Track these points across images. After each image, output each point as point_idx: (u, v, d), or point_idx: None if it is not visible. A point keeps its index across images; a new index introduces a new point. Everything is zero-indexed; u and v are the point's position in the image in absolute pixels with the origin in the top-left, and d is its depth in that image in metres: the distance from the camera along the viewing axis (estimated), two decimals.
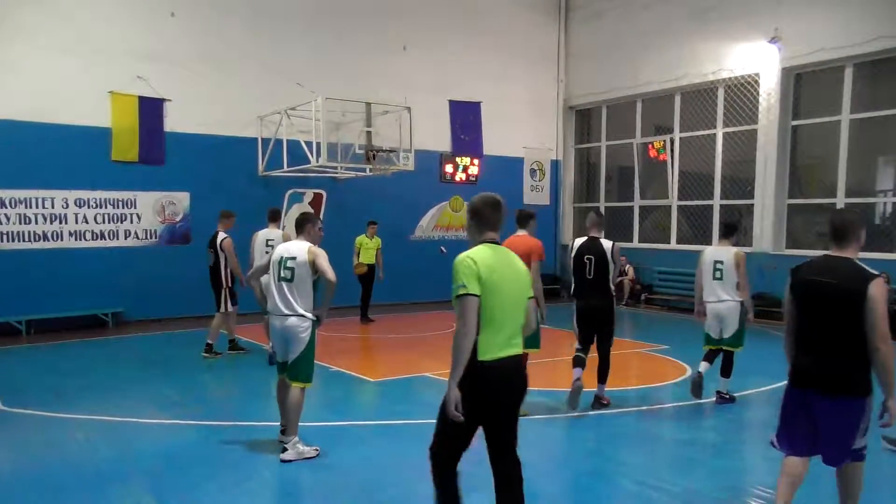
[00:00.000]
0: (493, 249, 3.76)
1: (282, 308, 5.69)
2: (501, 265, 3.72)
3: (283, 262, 5.74)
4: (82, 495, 5.01)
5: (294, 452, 5.68)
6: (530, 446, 6.29)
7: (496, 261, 3.70)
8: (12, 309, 11.71)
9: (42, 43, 11.89)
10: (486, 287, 3.61)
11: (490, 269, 3.64)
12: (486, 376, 3.64)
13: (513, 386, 3.77)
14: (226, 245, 9.69)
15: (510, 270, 3.74)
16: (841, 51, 12.71)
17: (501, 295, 3.65)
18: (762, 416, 7.48)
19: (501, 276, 3.67)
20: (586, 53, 17.80)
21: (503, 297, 3.66)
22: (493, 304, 3.63)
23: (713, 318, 7.46)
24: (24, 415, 7.02)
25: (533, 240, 6.61)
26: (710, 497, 5.00)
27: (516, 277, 3.76)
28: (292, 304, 5.67)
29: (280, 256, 5.78)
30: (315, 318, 5.77)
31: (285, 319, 5.67)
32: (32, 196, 11.96)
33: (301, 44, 14.39)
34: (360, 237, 13.11)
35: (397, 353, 11.06)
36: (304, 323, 5.69)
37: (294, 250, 5.78)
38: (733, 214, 15.06)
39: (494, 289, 3.63)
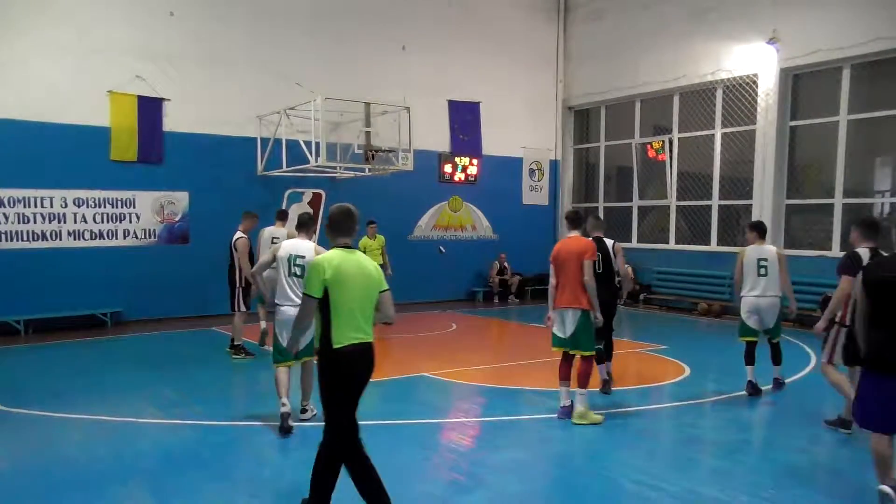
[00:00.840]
0: (344, 252, 4.40)
1: (294, 299, 6.37)
2: (349, 266, 4.34)
3: (293, 259, 6.55)
4: (81, 495, 5.01)
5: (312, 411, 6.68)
6: (529, 446, 6.33)
7: (344, 262, 4.33)
8: (11, 309, 11.71)
9: (41, 42, 11.88)
10: (332, 285, 4.26)
11: (336, 269, 4.27)
12: (339, 360, 4.29)
13: (360, 368, 4.38)
14: (239, 244, 9.66)
15: (358, 270, 4.37)
16: (839, 52, 12.73)
17: (349, 291, 4.30)
18: (760, 416, 7.50)
19: (348, 275, 4.30)
20: (585, 54, 17.81)
21: (350, 293, 4.30)
22: (341, 299, 4.28)
23: (755, 311, 7.89)
24: (22, 415, 7.02)
25: (585, 240, 6.91)
26: (710, 497, 5.01)
27: (364, 276, 4.38)
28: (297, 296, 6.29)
29: (289, 254, 6.58)
30: None
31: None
32: (31, 195, 11.95)
33: (300, 43, 14.39)
34: (363, 240, 12.36)
35: (396, 353, 11.07)
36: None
37: (302, 249, 6.62)
38: (734, 215, 15.10)
39: (341, 286, 4.27)
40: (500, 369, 9.31)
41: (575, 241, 6.82)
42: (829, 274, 12.79)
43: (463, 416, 7.28)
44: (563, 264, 6.70)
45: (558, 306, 6.76)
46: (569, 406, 6.79)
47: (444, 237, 16.70)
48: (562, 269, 6.72)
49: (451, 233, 16.92)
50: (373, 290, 4.43)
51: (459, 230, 17.11)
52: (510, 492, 5.18)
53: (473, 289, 17.11)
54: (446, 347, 10.92)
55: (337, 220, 4.50)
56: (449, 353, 10.30)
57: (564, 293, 6.69)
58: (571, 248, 6.70)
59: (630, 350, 10.79)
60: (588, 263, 6.62)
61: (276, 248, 6.87)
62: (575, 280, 6.62)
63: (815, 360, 9.92)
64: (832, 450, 6.42)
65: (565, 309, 6.70)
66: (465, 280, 17.13)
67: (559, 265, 6.76)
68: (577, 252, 6.65)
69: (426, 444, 6.27)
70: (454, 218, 17.00)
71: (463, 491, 5.22)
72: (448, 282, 16.63)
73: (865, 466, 5.78)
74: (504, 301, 16.78)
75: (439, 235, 16.68)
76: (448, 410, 7.55)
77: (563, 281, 6.71)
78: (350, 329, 4.30)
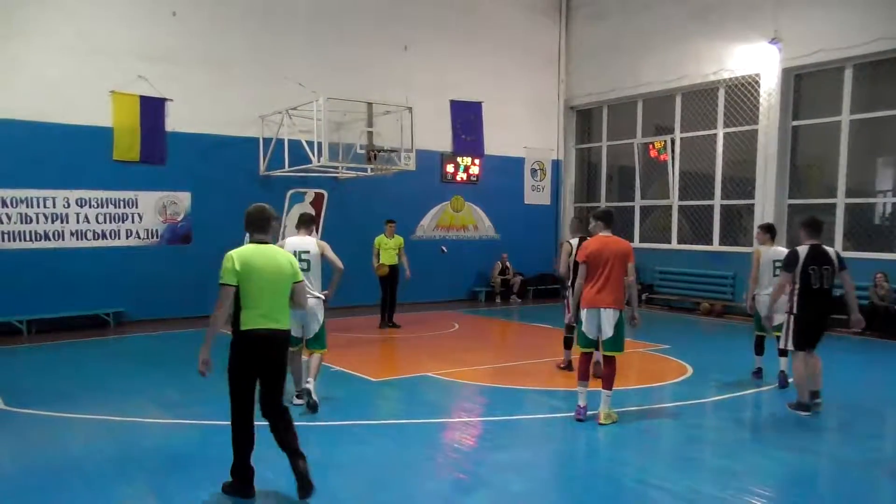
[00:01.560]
0: (256, 247, 4.84)
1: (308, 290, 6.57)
2: (259, 259, 4.77)
3: (298, 255, 6.85)
4: (85, 495, 5.02)
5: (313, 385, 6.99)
6: (532, 446, 6.33)
7: (255, 256, 4.77)
8: (14, 309, 11.73)
9: (43, 42, 11.90)
10: (242, 276, 4.68)
11: (246, 262, 4.70)
12: (246, 342, 4.73)
13: (268, 351, 4.77)
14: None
15: (269, 263, 4.80)
16: (841, 52, 12.73)
17: (257, 282, 4.71)
18: (763, 415, 7.50)
19: (256, 268, 4.72)
20: (587, 53, 17.81)
21: (259, 284, 4.72)
22: (250, 288, 4.70)
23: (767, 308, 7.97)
24: (25, 414, 7.03)
25: (626, 242, 6.80)
26: (713, 497, 5.01)
27: (275, 268, 4.81)
28: (310, 289, 6.75)
29: (294, 250, 6.75)
30: (324, 297, 7.05)
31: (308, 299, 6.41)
32: (34, 196, 11.97)
33: (303, 44, 14.41)
34: (379, 237, 12.40)
35: (399, 353, 11.08)
36: (320, 304, 6.99)
37: (306, 245, 7.10)
38: (736, 215, 15.10)
39: (249, 277, 4.69)
40: (503, 369, 9.31)
41: (616, 242, 6.66)
42: None
43: (466, 415, 7.29)
44: (604, 264, 6.52)
45: (594, 306, 6.58)
46: (585, 406, 6.70)
47: (446, 237, 16.71)
48: (601, 269, 6.54)
49: (453, 233, 16.93)
50: (284, 282, 4.85)
51: (461, 230, 17.12)
52: (513, 491, 5.18)
53: (475, 289, 17.11)
54: (449, 347, 10.92)
55: (252, 218, 4.95)
56: (451, 353, 10.30)
57: (602, 293, 6.52)
58: (613, 249, 6.55)
59: (632, 350, 10.76)
60: (632, 266, 6.61)
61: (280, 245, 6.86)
62: (617, 281, 6.52)
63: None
64: (834, 449, 6.42)
65: (605, 310, 6.54)
66: (467, 280, 17.14)
67: (597, 264, 6.56)
68: (622, 253, 6.56)
69: (429, 444, 6.28)
70: (456, 218, 17.01)
71: (466, 490, 5.22)
72: (450, 282, 16.63)
73: (868, 466, 5.79)
74: (506, 301, 16.78)
75: (441, 235, 16.68)
76: (451, 410, 7.55)
77: (600, 282, 6.53)
78: (257, 316, 4.72)
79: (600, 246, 6.61)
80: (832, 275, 7.04)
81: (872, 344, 11.21)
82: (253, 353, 4.75)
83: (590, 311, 6.62)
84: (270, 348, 4.79)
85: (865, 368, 9.89)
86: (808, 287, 6.97)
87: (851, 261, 12.57)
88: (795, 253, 7.04)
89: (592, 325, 6.64)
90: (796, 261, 6.97)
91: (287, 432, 4.87)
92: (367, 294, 13.71)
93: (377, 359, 10.38)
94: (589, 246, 6.69)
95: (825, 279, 6.99)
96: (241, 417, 4.86)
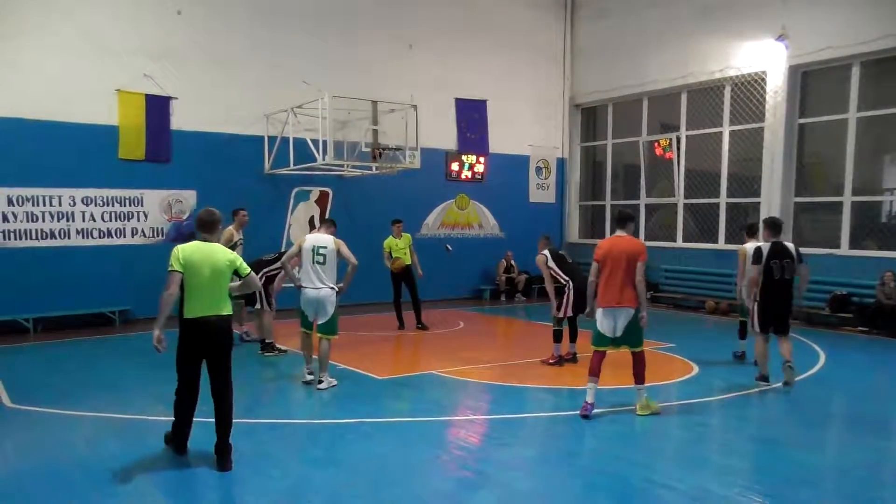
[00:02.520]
0: (199, 245, 5.55)
1: (317, 283, 7.83)
2: (198, 256, 5.45)
3: (316, 250, 7.88)
4: (90, 493, 5.03)
5: (326, 383, 7.93)
6: (537, 444, 6.32)
7: (195, 253, 5.46)
8: (20, 307, 11.76)
9: (48, 41, 11.92)
10: (185, 268, 5.39)
11: (187, 258, 5.40)
12: (189, 328, 5.46)
13: (209, 336, 5.48)
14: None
15: (207, 259, 5.46)
16: (848, 49, 12.68)
17: (197, 275, 5.40)
18: (769, 413, 7.47)
19: (195, 263, 5.40)
20: (592, 51, 17.77)
21: (199, 277, 5.41)
22: (191, 281, 5.41)
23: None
24: (31, 412, 7.06)
25: (637, 242, 7.05)
26: (719, 495, 4.99)
27: (211, 265, 5.46)
28: (325, 280, 7.85)
29: (312, 246, 7.90)
30: (337, 289, 7.92)
31: (320, 291, 7.83)
32: (39, 194, 12.00)
33: (308, 42, 14.41)
34: (388, 240, 12.05)
35: (404, 351, 11.08)
36: (333, 294, 7.88)
37: (323, 241, 7.96)
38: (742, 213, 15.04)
39: (191, 271, 5.40)
40: (508, 367, 9.30)
41: (627, 241, 6.88)
42: (837, 272, 12.86)
43: (471, 413, 7.28)
44: (616, 263, 6.72)
45: (609, 305, 6.77)
46: (593, 403, 6.81)
47: (450, 235, 16.69)
48: (612, 269, 6.74)
49: (457, 231, 16.92)
50: (221, 277, 5.51)
51: (466, 228, 17.11)
52: (519, 489, 5.18)
53: (480, 287, 17.10)
54: (454, 345, 10.92)
55: (201, 220, 5.67)
56: (457, 352, 10.29)
57: (615, 292, 6.72)
58: (624, 248, 6.77)
59: None
60: (641, 265, 6.73)
61: (301, 241, 8.06)
62: (628, 279, 6.69)
63: (825, 359, 9.89)
64: (842, 448, 6.40)
65: (618, 308, 6.74)
66: (471, 278, 17.13)
67: (609, 264, 6.77)
68: (632, 252, 6.76)
69: (435, 442, 6.28)
70: (461, 216, 17.00)
71: (472, 488, 5.22)
72: (455, 280, 16.62)
73: (874, 466, 5.77)
74: (511, 299, 16.77)
75: (446, 233, 16.67)
76: (456, 408, 7.55)
77: (612, 280, 6.73)
78: (197, 305, 5.43)
79: (611, 245, 6.85)
80: (792, 267, 7.96)
81: (879, 343, 11.16)
82: (193, 337, 5.46)
83: (605, 310, 6.80)
84: (209, 333, 5.48)
85: (872, 367, 9.85)
86: (770, 278, 7.90)
87: (858, 259, 12.69)
88: (760, 249, 8.03)
89: (608, 323, 6.80)
90: (762, 256, 7.95)
91: (221, 422, 5.54)
92: (372, 292, 13.72)
93: (382, 357, 10.38)
94: (602, 246, 6.94)
95: (785, 271, 7.90)
96: (183, 390, 5.65)
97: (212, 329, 5.48)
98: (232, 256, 5.63)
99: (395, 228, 12.11)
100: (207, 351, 5.55)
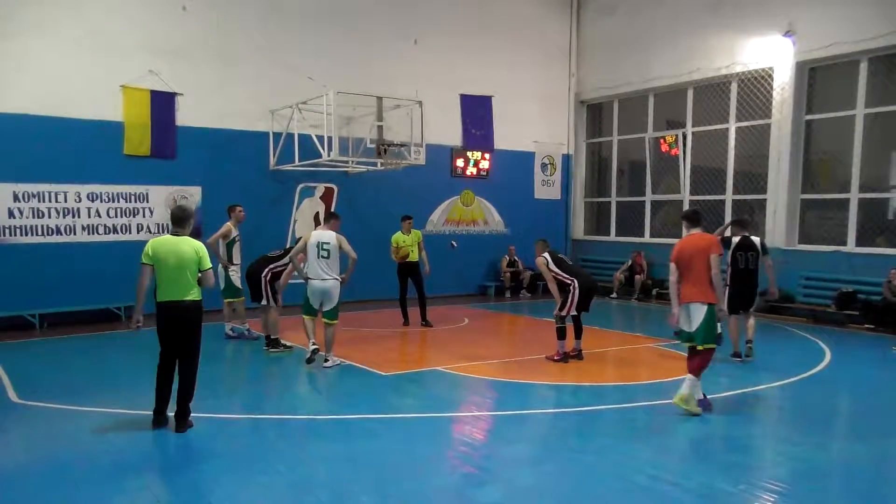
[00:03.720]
0: (168, 238, 6.24)
1: (322, 275, 8.60)
2: (168, 247, 6.15)
3: (321, 245, 8.62)
4: (97, 487, 5.04)
5: (331, 362, 8.77)
6: (542, 440, 6.31)
7: (163, 245, 6.17)
8: (26, 303, 11.79)
9: (54, 37, 11.93)
10: (154, 259, 6.13)
11: (155, 250, 6.14)
12: (161, 310, 6.20)
13: (175, 317, 6.19)
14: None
15: (172, 251, 6.13)
16: (855, 45, 12.60)
17: (164, 265, 6.12)
18: (775, 411, 7.46)
19: (162, 254, 6.11)
20: (598, 47, 17.72)
21: (166, 267, 6.12)
22: (160, 270, 6.14)
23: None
24: (38, 407, 7.08)
25: (709, 236, 7.24)
26: (725, 492, 4.98)
27: (177, 256, 6.11)
28: (330, 272, 8.64)
29: (317, 241, 8.66)
30: (341, 280, 8.71)
31: (326, 282, 8.61)
32: (45, 190, 12.02)
33: (312, 38, 14.40)
34: (396, 235, 11.91)
35: (409, 348, 11.08)
36: (337, 285, 8.65)
37: (326, 237, 8.70)
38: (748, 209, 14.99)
39: (159, 262, 6.13)
40: (513, 364, 9.30)
41: (698, 238, 7.03)
42: (843, 269, 12.81)
43: (476, 409, 7.28)
44: (688, 261, 6.89)
45: (684, 301, 6.93)
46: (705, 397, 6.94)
47: (455, 231, 16.68)
48: (686, 266, 6.91)
49: (462, 227, 16.90)
50: (185, 266, 6.12)
51: (471, 225, 17.09)
52: (523, 485, 5.17)
53: (485, 283, 17.09)
54: (459, 342, 10.91)
55: (174, 216, 6.32)
56: (461, 348, 10.28)
57: (689, 288, 6.90)
58: (694, 245, 6.94)
59: (644, 345, 10.76)
60: (714, 258, 6.84)
61: (306, 237, 8.80)
62: (701, 275, 6.82)
63: (830, 356, 9.86)
64: (846, 445, 6.38)
65: (692, 304, 6.86)
66: (476, 275, 17.11)
67: (682, 262, 6.95)
68: (702, 248, 6.88)
69: (439, 438, 6.28)
70: (466, 212, 16.98)
71: (476, 484, 5.21)
72: (460, 276, 16.60)
73: (879, 462, 5.76)
74: (516, 296, 16.76)
75: (451, 230, 16.65)
76: (461, 404, 7.54)
77: (687, 277, 6.93)
78: (166, 291, 6.15)
79: (683, 245, 7.07)
80: (756, 258, 9.32)
81: (885, 340, 11.12)
82: (164, 317, 6.20)
83: (682, 306, 6.97)
84: (174, 316, 6.17)
85: (878, 364, 9.81)
86: (737, 267, 9.32)
87: (865, 256, 12.63)
88: (729, 240, 9.40)
89: (684, 319, 6.97)
90: (729, 246, 9.27)
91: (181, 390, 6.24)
92: (377, 289, 13.72)
93: (387, 353, 10.38)
94: (676, 246, 7.15)
95: (750, 261, 9.27)
96: (161, 364, 6.32)
97: (177, 311, 6.18)
98: (199, 248, 6.20)
99: (405, 224, 11.97)
100: (174, 329, 6.21)
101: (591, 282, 9.33)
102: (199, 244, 6.28)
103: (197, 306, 6.28)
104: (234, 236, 10.29)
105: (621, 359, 9.99)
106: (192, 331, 6.28)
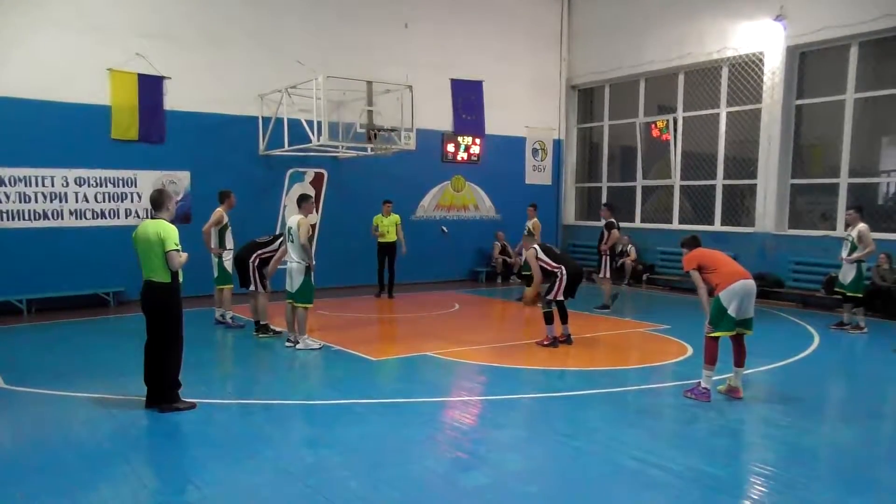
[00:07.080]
0: (145, 222, 6.53)
1: (294, 257, 8.97)
2: (140, 230, 6.42)
3: (289, 229, 9.05)
4: (84, 473, 5.02)
5: (303, 344, 9.03)
6: (531, 425, 6.33)
7: (139, 228, 6.46)
8: (13, 288, 11.71)
9: (40, 20, 11.78)
10: (134, 243, 6.46)
11: (134, 233, 6.47)
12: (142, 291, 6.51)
13: (142, 296, 6.47)
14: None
15: (142, 233, 6.37)
16: (846, 29, 12.59)
17: (137, 249, 6.42)
18: (762, 395, 7.49)
19: (136, 237, 6.42)
20: (589, 32, 17.64)
21: (139, 250, 6.41)
22: (137, 253, 6.45)
23: None
24: (25, 393, 7.04)
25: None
26: (712, 475, 5.01)
27: (144, 238, 6.33)
28: (293, 255, 8.97)
29: (288, 226, 9.09)
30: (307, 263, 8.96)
31: (290, 264, 9.03)
32: (32, 174, 11.91)
33: (302, 21, 14.27)
34: (377, 217, 13.62)
35: (399, 333, 11.08)
36: (300, 268, 8.94)
37: (291, 221, 9.03)
38: (738, 195, 15.01)
39: (135, 245, 6.44)
40: (503, 349, 9.31)
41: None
42: (833, 254, 12.83)
43: (465, 394, 7.28)
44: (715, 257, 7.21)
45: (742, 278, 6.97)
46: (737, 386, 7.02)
47: (446, 217, 16.65)
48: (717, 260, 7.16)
49: (453, 213, 16.87)
50: (151, 248, 6.29)
51: (462, 210, 17.06)
52: (512, 469, 5.18)
53: (476, 269, 17.08)
54: (449, 327, 10.92)
55: (152, 199, 6.59)
56: (451, 333, 10.29)
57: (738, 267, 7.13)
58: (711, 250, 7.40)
59: (633, 330, 10.79)
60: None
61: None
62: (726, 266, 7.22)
63: (819, 341, 9.92)
64: (834, 428, 6.42)
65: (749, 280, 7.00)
66: (467, 260, 17.10)
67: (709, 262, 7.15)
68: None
69: (429, 423, 6.28)
70: (457, 198, 16.94)
71: (465, 468, 5.22)
72: (450, 262, 16.59)
73: (867, 445, 5.79)
74: (506, 281, 16.76)
75: (442, 215, 16.62)
76: (450, 389, 7.55)
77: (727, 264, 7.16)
78: (143, 271, 6.41)
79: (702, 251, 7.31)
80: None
81: (874, 324, 11.18)
82: (142, 298, 6.48)
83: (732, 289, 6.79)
84: (143, 295, 6.45)
85: (866, 348, 9.87)
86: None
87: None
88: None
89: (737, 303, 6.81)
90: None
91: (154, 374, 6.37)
92: (366, 275, 13.68)
93: (377, 338, 10.37)
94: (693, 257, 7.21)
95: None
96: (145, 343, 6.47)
97: (145, 291, 6.43)
98: (162, 231, 6.28)
99: (385, 207, 13.66)
100: (144, 308, 6.47)
101: (577, 269, 9.40)
102: (166, 226, 6.32)
103: (163, 288, 6.31)
104: (226, 222, 10.30)
105: (611, 343, 10.02)
106: (158, 312, 6.35)
